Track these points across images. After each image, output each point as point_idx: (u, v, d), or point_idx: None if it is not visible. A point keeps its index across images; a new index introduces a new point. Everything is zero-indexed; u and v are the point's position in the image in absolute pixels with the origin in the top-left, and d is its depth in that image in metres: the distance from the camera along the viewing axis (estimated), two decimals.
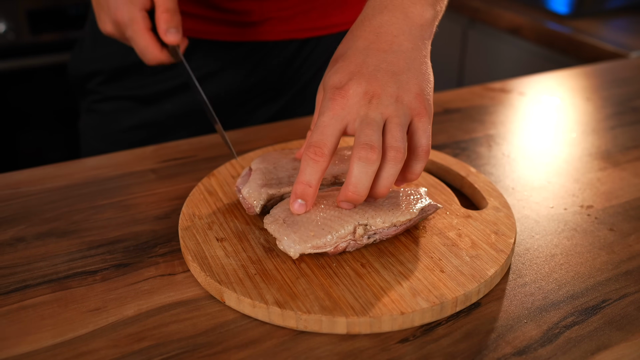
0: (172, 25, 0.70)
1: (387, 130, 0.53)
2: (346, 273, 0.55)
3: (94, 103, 0.95)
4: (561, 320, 0.53)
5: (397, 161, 0.53)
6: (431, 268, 0.55)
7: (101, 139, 0.96)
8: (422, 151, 0.55)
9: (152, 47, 0.70)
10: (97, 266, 0.58)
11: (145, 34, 0.70)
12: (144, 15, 0.70)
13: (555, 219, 0.67)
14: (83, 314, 0.53)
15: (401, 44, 0.56)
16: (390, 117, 0.53)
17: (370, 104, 0.53)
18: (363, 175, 0.52)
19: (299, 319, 0.50)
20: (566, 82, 1.07)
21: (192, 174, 0.74)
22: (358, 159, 0.52)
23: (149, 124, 0.93)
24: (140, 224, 0.65)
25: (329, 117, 0.54)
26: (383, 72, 0.55)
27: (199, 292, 0.55)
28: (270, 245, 0.58)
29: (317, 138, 0.53)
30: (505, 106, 0.96)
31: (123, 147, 0.93)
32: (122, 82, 0.92)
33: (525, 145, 0.84)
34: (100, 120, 0.95)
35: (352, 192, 0.53)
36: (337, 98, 0.54)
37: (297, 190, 0.55)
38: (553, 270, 0.59)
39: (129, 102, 0.93)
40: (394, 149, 0.53)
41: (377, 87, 0.54)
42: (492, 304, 0.54)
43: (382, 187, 0.54)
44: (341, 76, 0.55)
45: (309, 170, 0.54)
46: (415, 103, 0.55)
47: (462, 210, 0.64)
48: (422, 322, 0.52)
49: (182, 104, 0.92)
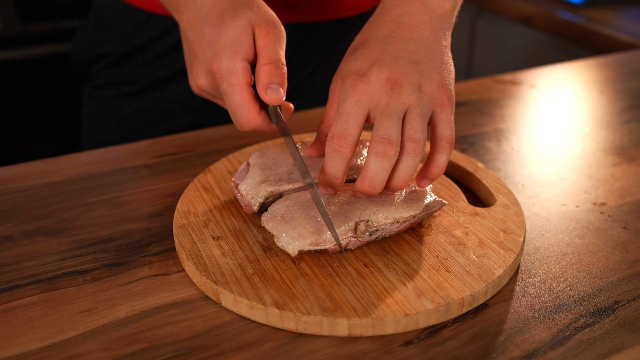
0: (275, 81, 0.57)
1: (407, 121, 0.54)
2: (348, 273, 0.55)
3: (96, 89, 0.97)
4: (572, 322, 0.53)
5: (416, 153, 0.53)
6: (437, 268, 0.55)
7: (103, 126, 0.98)
8: (446, 142, 0.56)
9: (249, 106, 0.58)
10: (88, 266, 0.58)
11: (245, 89, 0.58)
12: (245, 66, 0.58)
13: (566, 217, 0.67)
14: (73, 316, 0.53)
15: (422, 34, 0.57)
16: (412, 107, 0.54)
17: (392, 92, 0.54)
18: (379, 170, 0.53)
19: (298, 320, 0.50)
20: (579, 74, 1.07)
21: (188, 170, 0.74)
22: (375, 153, 0.53)
23: (151, 109, 0.95)
24: (133, 222, 0.64)
25: (351, 103, 0.54)
26: (405, 60, 0.55)
27: (194, 293, 0.55)
28: (268, 244, 0.58)
29: (341, 127, 0.54)
30: (515, 99, 0.96)
31: (124, 134, 0.95)
32: (126, 67, 0.93)
33: (535, 140, 0.84)
34: (102, 106, 0.97)
35: (367, 185, 0.54)
36: (358, 84, 0.54)
37: (324, 181, 0.56)
38: (564, 270, 0.59)
39: (131, 87, 0.94)
40: (414, 140, 0.53)
41: (399, 75, 0.54)
42: (500, 305, 0.54)
43: (400, 179, 0.55)
44: (362, 63, 0.56)
45: (334, 162, 0.54)
46: (437, 93, 0.55)
47: (469, 208, 0.64)
48: (427, 324, 0.52)
49: (185, 90, 0.93)
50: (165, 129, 0.94)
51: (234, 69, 0.57)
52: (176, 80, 0.93)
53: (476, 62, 1.90)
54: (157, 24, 0.90)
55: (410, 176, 0.55)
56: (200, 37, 0.60)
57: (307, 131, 0.82)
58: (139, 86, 0.94)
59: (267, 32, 0.58)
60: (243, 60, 0.58)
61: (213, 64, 0.58)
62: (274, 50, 0.58)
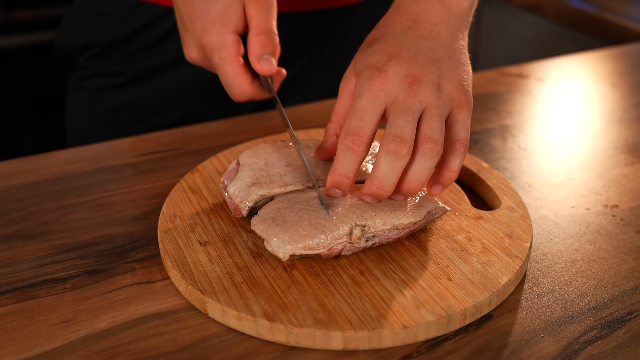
0: (266, 51, 0.60)
1: (424, 120, 0.53)
2: (343, 281, 0.54)
3: (81, 80, 0.97)
4: (582, 334, 0.52)
5: (432, 154, 0.53)
6: (437, 276, 0.55)
7: (88, 119, 0.98)
8: (460, 145, 0.55)
9: (241, 77, 0.61)
10: (67, 273, 0.58)
11: (235, 61, 0.61)
12: (235, 39, 0.61)
13: (576, 220, 0.66)
14: (51, 327, 0.52)
15: (440, 32, 0.58)
16: (430, 106, 0.54)
17: (410, 89, 0.54)
18: (390, 170, 0.53)
19: (289, 333, 0.50)
20: (590, 66, 1.06)
21: (174, 169, 0.73)
22: (386, 151, 0.52)
23: (139, 102, 0.94)
24: (115, 226, 0.64)
25: (367, 99, 0.54)
26: (423, 57, 0.56)
27: (180, 303, 0.54)
28: (259, 250, 0.57)
29: (356, 125, 0.53)
30: (522, 93, 0.95)
31: (111, 128, 0.95)
32: (112, 58, 0.93)
33: (543, 137, 0.83)
34: (88, 98, 0.97)
35: (376, 186, 0.54)
36: (375, 78, 0.54)
37: (334, 181, 0.55)
38: (573, 278, 0.58)
39: (117, 79, 0.94)
40: (431, 140, 0.53)
41: (418, 72, 0.54)
42: (505, 317, 0.54)
43: (414, 181, 0.54)
44: (379, 57, 0.55)
45: (346, 161, 0.54)
46: (456, 93, 0.55)
47: (472, 211, 0.63)
48: (426, 337, 0.51)
49: (174, 81, 0.93)
50: (154, 122, 0.93)
51: (224, 42, 0.60)
52: (165, 72, 0.93)
53: (481, 53, 1.89)
54: (145, 13, 0.89)
55: (426, 179, 0.54)
56: (190, 9, 0.62)
57: (303, 127, 0.81)
58: (125, 77, 0.94)
59: (257, 2, 0.60)
60: (232, 32, 0.61)
61: (203, 37, 0.61)
62: (266, 20, 0.60)
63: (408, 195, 0.56)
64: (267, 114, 0.87)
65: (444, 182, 0.57)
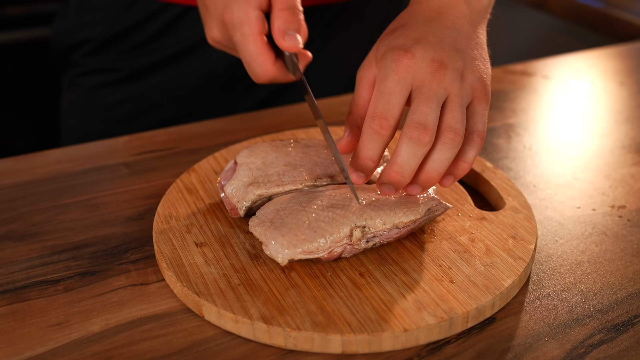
0: (291, 27, 0.58)
1: (447, 109, 0.54)
2: (342, 283, 0.54)
3: (77, 77, 0.97)
4: (587, 338, 0.52)
5: (454, 145, 0.54)
6: (439, 278, 0.55)
7: (83, 117, 0.98)
8: (477, 136, 0.56)
9: (264, 55, 0.59)
10: (60, 274, 0.58)
11: (258, 38, 0.59)
12: (258, 15, 0.59)
13: (582, 221, 0.66)
14: (42, 330, 0.52)
15: (463, 25, 0.59)
16: (453, 95, 0.55)
17: (437, 74, 0.54)
18: (411, 157, 0.53)
19: (287, 336, 0.50)
20: (597, 64, 1.06)
21: (170, 169, 0.73)
22: (409, 138, 0.53)
23: (136, 99, 0.94)
24: (109, 226, 0.64)
25: (393, 82, 0.54)
26: (448, 45, 0.56)
27: (175, 305, 0.54)
28: (256, 252, 0.57)
29: (383, 108, 0.54)
30: (528, 91, 0.95)
31: (107, 125, 0.95)
32: (108, 54, 0.93)
33: (549, 136, 0.83)
34: (83, 95, 0.97)
35: (396, 172, 0.54)
36: (402, 59, 0.54)
37: (358, 164, 0.56)
38: (579, 280, 0.58)
39: (113, 76, 0.94)
40: (453, 130, 0.54)
41: (444, 58, 0.55)
42: (509, 319, 0.54)
43: (432, 171, 0.55)
44: (405, 40, 0.56)
45: (372, 144, 0.54)
46: (478, 85, 0.56)
47: (475, 211, 0.63)
48: (428, 341, 0.51)
49: (171, 78, 0.93)
50: (151, 120, 0.94)
51: (247, 18, 0.58)
52: (162, 69, 0.93)
53: None
54: (142, 8, 0.89)
55: (444, 169, 0.55)
56: None
57: (304, 126, 0.81)
58: (121, 74, 0.94)
59: None
60: (256, 8, 0.59)
61: (224, 14, 0.60)
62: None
63: (425, 186, 0.56)
64: (265, 112, 0.87)
65: (458, 172, 0.57)
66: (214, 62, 0.92)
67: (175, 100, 0.94)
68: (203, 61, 0.91)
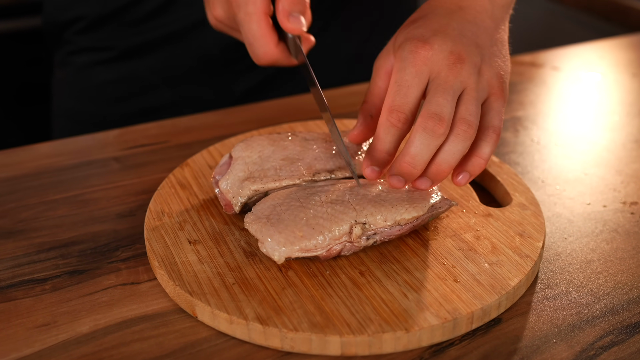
0: (296, 9, 0.59)
1: (461, 102, 0.56)
2: (341, 283, 0.54)
3: (69, 55, 0.98)
4: (597, 339, 0.52)
5: (466, 137, 0.55)
6: (443, 277, 0.54)
7: (75, 95, 0.98)
8: (493, 132, 0.57)
9: (267, 36, 0.60)
10: (48, 273, 0.58)
11: (263, 18, 0.60)
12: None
13: (592, 218, 0.66)
14: (29, 331, 0.52)
15: (484, 20, 0.61)
16: (469, 88, 0.56)
17: (454, 67, 0.56)
18: (424, 148, 0.54)
19: (284, 337, 0.50)
20: (609, 55, 1.06)
21: (162, 163, 0.73)
22: (423, 129, 0.54)
23: (129, 79, 0.95)
24: (99, 223, 0.64)
25: (411, 74, 0.56)
26: (467, 39, 0.58)
27: (167, 305, 0.54)
28: (252, 249, 0.57)
29: (401, 101, 0.55)
30: (536, 83, 0.95)
31: (98, 105, 0.96)
32: (102, 32, 0.94)
33: (558, 129, 0.83)
34: (74, 73, 0.98)
35: (408, 162, 0.55)
36: (420, 51, 0.56)
37: (373, 158, 0.56)
38: (589, 279, 0.58)
39: (106, 54, 0.95)
40: (466, 123, 0.55)
41: (462, 51, 0.57)
42: (515, 320, 0.53)
43: (443, 163, 0.56)
44: (424, 31, 0.57)
45: (389, 137, 0.56)
46: (494, 81, 0.58)
47: (481, 208, 0.63)
48: (431, 342, 0.51)
49: (166, 58, 0.93)
50: (144, 102, 0.94)
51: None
52: (158, 48, 0.93)
53: None
54: None
55: (455, 162, 0.56)
56: None
57: (302, 119, 0.81)
58: (114, 53, 0.94)
59: None
60: None
61: None
62: None
63: (434, 179, 0.57)
64: (261, 104, 0.87)
65: (473, 169, 0.58)
66: (209, 43, 0.92)
67: (170, 82, 0.95)
68: (198, 42, 0.92)
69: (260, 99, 0.94)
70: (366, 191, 0.58)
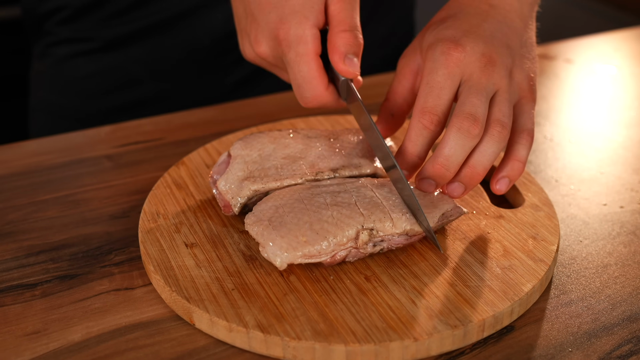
0: (352, 50, 0.58)
1: (494, 104, 0.57)
2: (346, 288, 0.54)
3: (49, 47, 0.97)
4: (615, 348, 0.52)
5: (500, 138, 0.56)
6: (452, 282, 0.54)
7: (54, 89, 0.98)
8: (528, 135, 0.59)
9: (318, 79, 0.59)
10: (37, 278, 0.58)
11: (314, 59, 0.59)
12: (316, 34, 0.59)
13: (609, 220, 0.66)
14: (18, 339, 0.52)
15: (513, 20, 0.62)
16: (501, 90, 0.58)
17: (486, 69, 0.57)
18: (459, 149, 0.55)
19: (286, 346, 0.50)
20: (624, 46, 1.06)
21: (157, 162, 0.73)
22: (458, 129, 0.55)
23: (112, 72, 0.95)
24: (91, 225, 0.64)
25: (444, 76, 0.57)
26: (498, 40, 0.59)
27: (163, 312, 0.54)
28: (252, 253, 0.57)
29: (434, 103, 0.56)
30: (548, 77, 0.95)
31: (80, 99, 0.95)
32: (84, 22, 0.93)
33: (572, 126, 0.83)
34: (55, 65, 0.97)
35: (441, 164, 0.55)
36: (452, 52, 0.57)
37: (404, 161, 0.57)
38: (605, 285, 0.58)
39: (88, 45, 0.94)
40: (501, 124, 0.56)
41: (494, 53, 0.58)
42: (529, 328, 0.53)
43: (479, 165, 0.56)
44: (455, 31, 0.59)
45: (420, 140, 0.57)
46: (525, 84, 0.60)
47: (492, 209, 0.63)
48: (440, 351, 0.51)
49: (152, 50, 0.93)
50: (129, 96, 0.94)
51: (304, 36, 0.58)
52: (142, 40, 0.93)
53: None
54: None
55: (490, 164, 0.57)
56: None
57: (303, 115, 0.81)
58: (97, 44, 0.94)
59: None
60: (313, 26, 0.59)
61: (279, 29, 0.59)
62: (351, 17, 0.59)
63: (468, 184, 0.57)
64: (260, 99, 0.87)
65: (513, 173, 0.59)
66: (199, 33, 0.92)
67: (156, 75, 0.95)
68: (187, 32, 0.91)
69: (251, 92, 0.94)
70: (374, 193, 0.58)
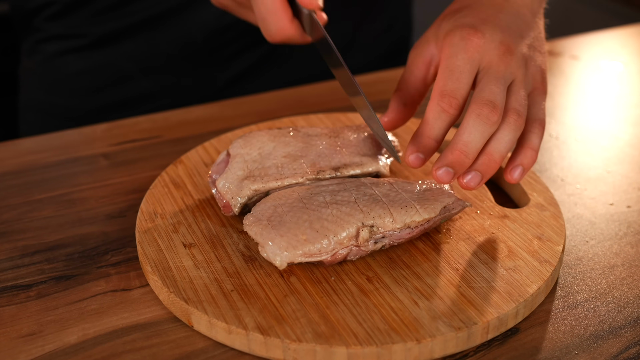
0: None
1: (511, 92, 0.59)
2: (347, 289, 0.54)
3: (38, 43, 0.97)
4: (622, 351, 0.52)
5: (517, 126, 0.57)
6: (456, 283, 0.55)
7: (44, 87, 0.98)
8: (540, 124, 0.60)
9: (281, 11, 0.60)
10: (32, 279, 0.58)
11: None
12: None
13: (615, 220, 0.66)
14: (13, 341, 0.52)
15: (525, 14, 0.64)
16: (517, 80, 0.59)
17: (504, 57, 0.59)
18: (478, 135, 0.55)
19: (286, 348, 0.50)
20: (631, 42, 1.06)
21: (154, 160, 0.73)
22: (477, 115, 0.55)
23: (103, 69, 0.95)
24: (87, 225, 0.64)
25: (463, 60, 0.58)
26: (514, 31, 0.61)
27: (161, 313, 0.54)
28: (251, 254, 0.57)
29: (453, 86, 0.57)
30: (554, 74, 0.95)
31: (71, 96, 0.95)
32: (74, 18, 0.93)
33: (578, 124, 0.83)
34: (44, 63, 0.97)
35: (460, 150, 0.55)
36: (472, 38, 0.58)
37: (420, 144, 0.57)
38: (612, 286, 0.58)
39: (78, 41, 0.94)
40: (517, 113, 0.57)
41: (511, 42, 0.60)
42: (534, 330, 0.54)
43: (495, 152, 0.56)
44: (473, 19, 0.60)
45: (438, 123, 0.57)
46: (538, 76, 0.62)
47: (496, 209, 0.63)
48: (443, 354, 0.51)
49: (144, 46, 0.93)
50: (120, 94, 0.94)
51: None
52: (134, 35, 0.93)
53: None
54: None
55: (507, 151, 0.57)
56: None
57: (304, 112, 0.81)
58: (88, 40, 0.94)
59: None
60: None
61: None
62: None
63: (485, 173, 0.57)
64: (260, 96, 0.87)
65: (527, 161, 0.59)
66: (192, 28, 0.92)
67: (148, 72, 0.95)
68: (180, 28, 0.91)
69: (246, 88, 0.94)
70: (374, 191, 0.58)
